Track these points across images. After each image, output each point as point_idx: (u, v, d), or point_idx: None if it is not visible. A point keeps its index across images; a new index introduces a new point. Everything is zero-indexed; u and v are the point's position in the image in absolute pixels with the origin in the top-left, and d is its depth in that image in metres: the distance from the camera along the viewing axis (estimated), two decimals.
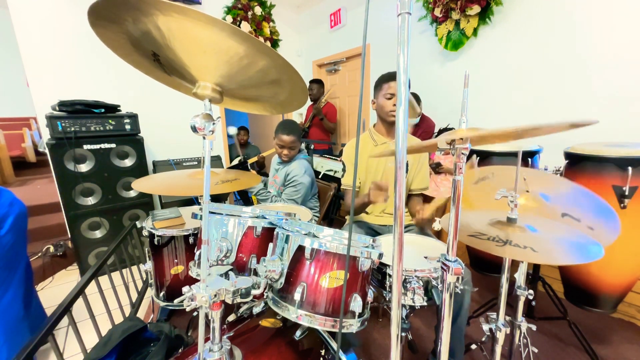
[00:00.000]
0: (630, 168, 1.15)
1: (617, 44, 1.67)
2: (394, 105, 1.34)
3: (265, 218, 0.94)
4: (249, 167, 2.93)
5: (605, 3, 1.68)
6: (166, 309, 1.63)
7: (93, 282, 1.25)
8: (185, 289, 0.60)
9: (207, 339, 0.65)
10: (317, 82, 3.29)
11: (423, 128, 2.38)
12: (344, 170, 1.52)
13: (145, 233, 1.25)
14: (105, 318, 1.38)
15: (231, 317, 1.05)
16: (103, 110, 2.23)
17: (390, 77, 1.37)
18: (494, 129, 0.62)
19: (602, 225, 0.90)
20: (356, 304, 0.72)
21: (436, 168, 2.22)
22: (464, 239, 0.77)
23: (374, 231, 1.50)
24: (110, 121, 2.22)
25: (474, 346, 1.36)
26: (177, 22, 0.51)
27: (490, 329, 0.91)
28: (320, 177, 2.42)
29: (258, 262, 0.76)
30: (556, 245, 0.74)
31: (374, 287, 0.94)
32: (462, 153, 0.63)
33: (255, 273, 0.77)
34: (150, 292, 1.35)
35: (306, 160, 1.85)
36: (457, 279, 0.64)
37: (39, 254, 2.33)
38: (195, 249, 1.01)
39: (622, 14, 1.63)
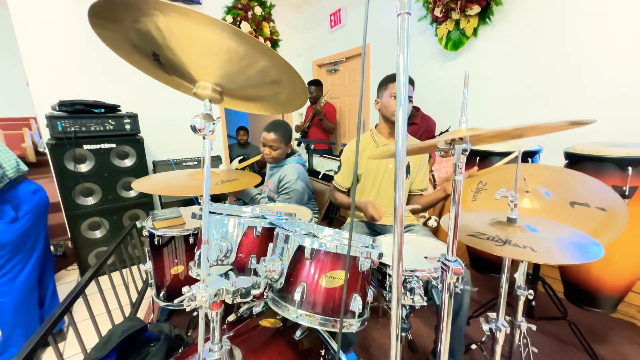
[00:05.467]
0: (630, 168, 1.15)
1: (617, 43, 1.67)
2: None
3: (265, 218, 0.94)
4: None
5: (605, 3, 1.68)
6: (166, 309, 1.62)
7: (93, 282, 1.25)
8: (185, 289, 0.60)
9: (207, 339, 0.65)
10: (316, 84, 3.28)
11: (424, 128, 2.36)
12: (339, 168, 1.54)
13: (145, 233, 1.25)
14: (105, 318, 1.38)
15: (231, 317, 1.05)
16: (103, 110, 2.23)
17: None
18: (493, 128, 0.62)
19: (613, 203, 0.90)
20: (356, 304, 0.72)
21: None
22: (464, 238, 0.77)
23: (374, 231, 1.50)
24: (110, 121, 2.22)
25: (474, 346, 1.37)
26: (177, 22, 0.51)
27: (490, 329, 0.91)
28: (320, 177, 2.41)
29: (258, 262, 0.76)
30: (556, 245, 0.74)
31: (374, 287, 0.94)
32: (463, 152, 0.63)
33: (255, 273, 0.77)
34: (150, 292, 1.35)
35: (301, 164, 1.77)
36: (457, 279, 0.65)
37: None
38: (195, 249, 1.01)
39: (622, 14, 1.63)
